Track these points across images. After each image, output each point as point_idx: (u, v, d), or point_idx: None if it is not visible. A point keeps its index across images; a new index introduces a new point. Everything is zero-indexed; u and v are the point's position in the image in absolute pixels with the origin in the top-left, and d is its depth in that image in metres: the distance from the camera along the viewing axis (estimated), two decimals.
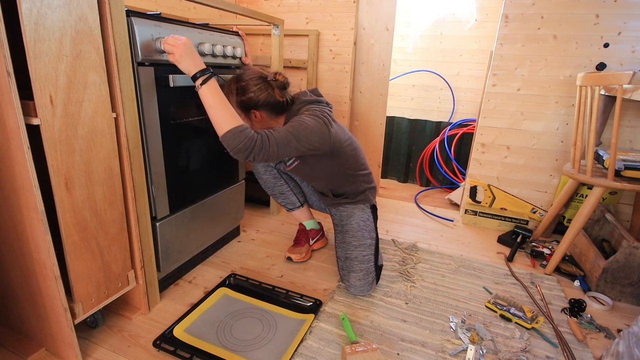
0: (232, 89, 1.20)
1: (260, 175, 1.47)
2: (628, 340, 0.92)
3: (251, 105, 1.19)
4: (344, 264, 1.29)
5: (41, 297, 0.91)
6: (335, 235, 1.38)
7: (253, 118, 1.23)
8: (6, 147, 0.77)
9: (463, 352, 1.05)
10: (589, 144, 1.35)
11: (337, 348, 1.04)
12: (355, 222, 1.31)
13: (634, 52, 1.60)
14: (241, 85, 1.19)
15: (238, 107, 1.21)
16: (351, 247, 1.28)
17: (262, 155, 1.06)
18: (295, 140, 1.10)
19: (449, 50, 2.65)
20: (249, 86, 1.18)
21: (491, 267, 1.52)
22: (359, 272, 1.25)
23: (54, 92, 0.77)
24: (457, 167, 2.51)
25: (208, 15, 2.20)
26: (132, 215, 1.03)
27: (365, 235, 1.29)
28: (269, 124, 1.25)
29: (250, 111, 1.21)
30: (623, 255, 1.29)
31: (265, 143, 1.06)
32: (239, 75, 1.21)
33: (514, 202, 1.93)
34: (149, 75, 1.02)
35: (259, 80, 1.19)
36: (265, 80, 1.19)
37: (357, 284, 1.25)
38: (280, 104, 1.22)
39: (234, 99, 1.20)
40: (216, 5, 1.24)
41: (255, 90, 1.18)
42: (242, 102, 1.19)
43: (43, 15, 0.73)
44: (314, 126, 1.14)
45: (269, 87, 1.19)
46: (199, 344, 1.02)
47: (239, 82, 1.19)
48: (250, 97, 1.18)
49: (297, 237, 1.57)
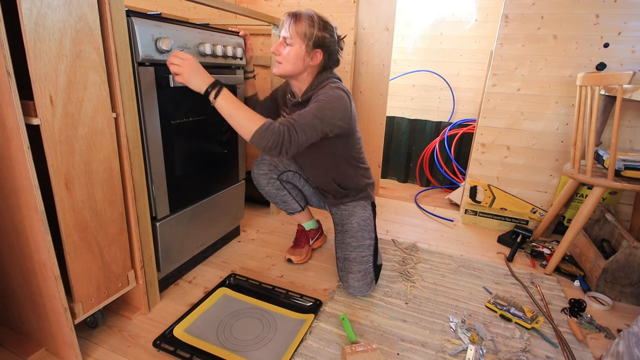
0: (312, 21, 1.16)
1: (262, 187, 1.43)
2: (628, 340, 0.91)
3: (322, 45, 1.17)
4: (342, 264, 1.29)
5: (41, 297, 0.91)
6: (335, 235, 1.38)
7: (310, 57, 1.18)
8: (6, 147, 0.77)
9: (463, 352, 1.05)
10: (589, 144, 1.35)
11: (337, 348, 1.04)
12: (355, 222, 1.31)
13: (634, 52, 1.60)
14: (324, 22, 1.17)
15: (307, 39, 1.16)
16: (350, 247, 1.28)
17: (292, 147, 1.06)
18: (320, 123, 1.09)
19: (449, 50, 2.65)
20: (330, 28, 1.18)
21: (491, 267, 1.52)
22: (357, 273, 1.25)
23: (54, 92, 0.77)
24: (457, 167, 2.51)
25: (208, 15, 2.20)
26: (132, 215, 1.03)
27: (364, 235, 1.29)
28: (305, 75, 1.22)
29: (315, 50, 1.17)
30: (623, 255, 1.29)
31: (293, 135, 1.05)
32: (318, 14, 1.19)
33: (514, 202, 1.93)
34: (149, 76, 1.02)
35: (336, 30, 1.21)
36: (337, 34, 1.22)
37: (356, 284, 1.25)
38: (334, 63, 1.23)
39: (309, 29, 1.15)
40: (216, 5, 1.24)
41: (331, 35, 1.18)
42: (318, 37, 1.16)
43: (43, 15, 0.73)
44: (338, 102, 1.13)
45: (338, 41, 1.21)
46: (199, 344, 1.02)
47: (321, 19, 1.17)
48: (326, 38, 1.17)
49: (297, 238, 1.56)
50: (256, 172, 1.42)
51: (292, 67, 1.19)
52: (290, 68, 1.19)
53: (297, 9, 1.20)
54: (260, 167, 1.41)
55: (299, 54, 1.17)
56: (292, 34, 1.16)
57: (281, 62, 1.20)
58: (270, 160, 1.41)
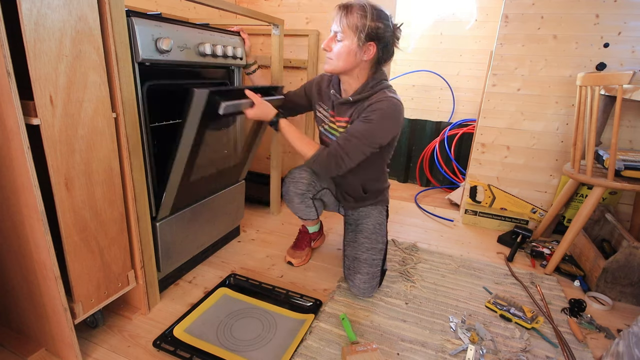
0: (364, 11, 1.08)
1: (294, 204, 1.36)
2: (628, 340, 0.91)
3: (376, 36, 1.09)
4: (351, 263, 1.28)
5: (41, 297, 0.91)
6: (345, 234, 1.37)
7: (363, 51, 1.11)
8: (6, 147, 0.77)
9: (463, 352, 1.05)
10: (589, 144, 1.35)
11: (337, 348, 1.04)
12: (371, 224, 1.31)
13: (634, 52, 1.60)
14: (378, 11, 1.09)
15: (358, 32, 1.08)
16: (363, 248, 1.28)
17: (341, 172, 1.15)
18: (369, 147, 1.14)
19: (449, 50, 2.66)
20: (385, 17, 1.10)
21: (491, 267, 1.52)
22: (365, 274, 1.25)
23: (54, 92, 0.77)
24: (457, 167, 2.51)
25: (208, 15, 2.20)
26: (132, 215, 1.03)
27: (378, 239, 1.30)
28: (357, 72, 1.16)
29: (368, 43, 1.10)
30: (623, 255, 1.29)
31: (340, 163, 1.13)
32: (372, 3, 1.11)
33: (514, 202, 1.93)
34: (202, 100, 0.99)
35: (391, 18, 1.12)
36: (393, 23, 1.13)
37: (362, 286, 1.25)
38: (389, 57, 1.16)
39: (361, 21, 1.07)
40: (216, 5, 1.24)
41: (386, 25, 1.10)
42: (372, 28, 1.07)
43: (43, 15, 0.73)
44: (393, 120, 1.13)
45: (394, 31, 1.13)
46: (199, 344, 1.02)
47: (375, 8, 1.09)
48: (381, 28, 1.08)
49: (299, 240, 1.54)
50: (292, 190, 1.33)
51: (343, 63, 1.13)
52: (342, 65, 1.13)
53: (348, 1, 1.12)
54: (297, 186, 1.32)
55: (350, 49, 1.10)
56: (344, 28, 1.09)
57: (332, 57, 1.14)
58: (309, 178, 1.33)
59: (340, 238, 1.74)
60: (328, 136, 1.30)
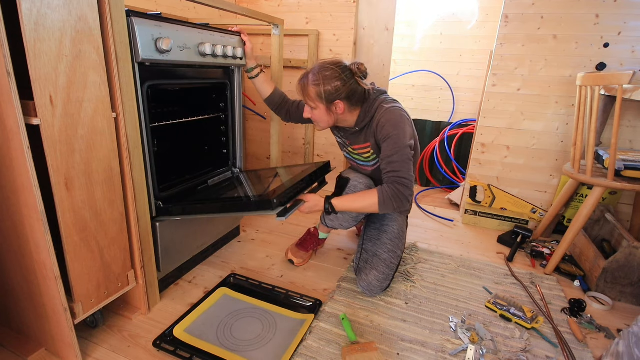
0: (316, 79, 1.16)
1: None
2: (628, 340, 0.91)
3: (337, 95, 1.16)
4: (370, 258, 1.28)
5: (41, 297, 0.91)
6: (366, 230, 1.37)
7: (334, 110, 1.20)
8: (6, 147, 0.77)
9: (463, 352, 1.05)
10: (589, 144, 1.35)
11: (337, 348, 1.04)
12: (397, 228, 1.33)
13: (634, 52, 1.60)
14: (325, 74, 1.15)
15: (320, 99, 1.17)
16: (385, 248, 1.28)
17: (410, 192, 1.15)
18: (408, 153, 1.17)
19: (449, 50, 2.66)
20: (335, 74, 1.15)
21: (491, 267, 1.52)
22: (381, 273, 1.25)
23: (54, 92, 0.77)
24: (457, 167, 2.51)
25: (208, 15, 2.20)
26: (132, 215, 1.03)
27: (400, 245, 1.32)
28: (345, 117, 1.24)
29: (334, 102, 1.18)
30: (623, 255, 1.29)
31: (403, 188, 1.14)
32: (321, 65, 1.18)
33: (514, 202, 1.93)
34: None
35: (345, 69, 1.17)
36: (347, 68, 1.17)
37: (375, 283, 1.25)
38: (363, 94, 1.21)
39: (316, 90, 1.16)
40: (216, 5, 1.24)
41: (342, 78, 1.15)
42: (328, 92, 1.16)
43: (43, 15, 0.73)
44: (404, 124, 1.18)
45: (354, 76, 1.18)
46: (199, 344, 1.02)
47: (323, 71, 1.16)
48: (336, 87, 1.15)
49: (305, 240, 1.50)
50: None
51: (326, 123, 1.26)
52: (326, 124, 1.27)
53: (304, 72, 1.22)
54: None
55: (322, 113, 1.22)
56: (309, 100, 1.21)
57: (317, 121, 1.27)
58: None
59: (341, 238, 1.74)
60: (352, 160, 1.41)
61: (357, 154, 1.35)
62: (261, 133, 2.44)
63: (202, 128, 1.42)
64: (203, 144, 1.46)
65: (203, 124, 1.41)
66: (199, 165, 1.41)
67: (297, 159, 2.40)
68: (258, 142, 2.47)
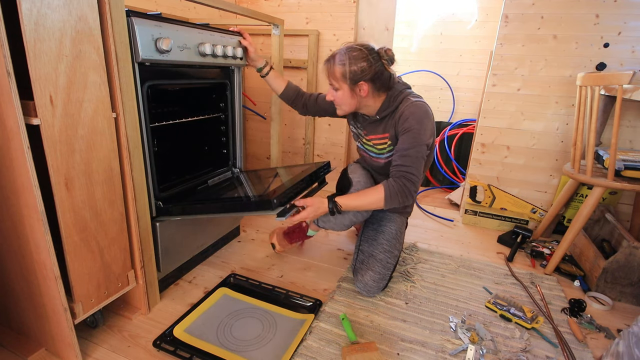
0: (342, 59, 1.14)
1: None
2: (628, 340, 0.91)
3: (362, 76, 1.14)
4: (366, 259, 1.28)
5: (41, 297, 0.91)
6: (364, 230, 1.37)
7: (358, 92, 1.18)
8: (6, 147, 0.77)
9: (463, 352, 1.05)
10: (589, 144, 1.35)
11: (337, 348, 1.04)
12: (394, 229, 1.32)
13: (634, 52, 1.60)
14: (353, 54, 1.13)
15: (345, 79, 1.15)
16: (381, 248, 1.28)
17: (415, 188, 1.14)
18: (423, 151, 1.15)
19: (449, 50, 2.66)
20: (362, 55, 1.13)
21: (491, 267, 1.52)
22: (377, 274, 1.25)
23: (54, 92, 0.77)
24: (457, 167, 2.51)
25: (208, 15, 2.20)
26: (132, 215, 1.03)
27: (396, 245, 1.31)
28: (368, 102, 1.22)
29: (359, 83, 1.15)
30: (623, 255, 1.29)
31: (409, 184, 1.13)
32: (349, 46, 1.16)
33: (514, 202, 1.93)
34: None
35: (372, 51, 1.15)
36: (376, 52, 1.15)
37: (371, 284, 1.25)
38: (388, 79, 1.19)
39: (342, 69, 1.14)
40: (216, 6, 1.24)
41: (369, 59, 1.13)
42: (354, 72, 1.13)
43: (43, 15, 0.73)
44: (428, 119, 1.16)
45: (380, 59, 1.15)
46: (199, 344, 1.02)
47: (350, 51, 1.14)
48: (362, 67, 1.13)
49: (293, 232, 1.48)
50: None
51: (349, 106, 1.23)
52: (348, 107, 1.23)
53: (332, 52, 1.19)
54: None
55: (346, 94, 1.19)
56: (333, 80, 1.19)
57: (338, 104, 1.24)
58: None
59: (341, 238, 1.74)
60: (365, 151, 1.39)
61: (372, 145, 1.33)
62: (261, 133, 2.44)
63: (202, 128, 1.42)
64: (203, 144, 1.46)
65: (203, 124, 1.41)
66: (199, 165, 1.41)
67: (297, 159, 2.40)
68: (258, 142, 2.47)
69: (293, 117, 2.31)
